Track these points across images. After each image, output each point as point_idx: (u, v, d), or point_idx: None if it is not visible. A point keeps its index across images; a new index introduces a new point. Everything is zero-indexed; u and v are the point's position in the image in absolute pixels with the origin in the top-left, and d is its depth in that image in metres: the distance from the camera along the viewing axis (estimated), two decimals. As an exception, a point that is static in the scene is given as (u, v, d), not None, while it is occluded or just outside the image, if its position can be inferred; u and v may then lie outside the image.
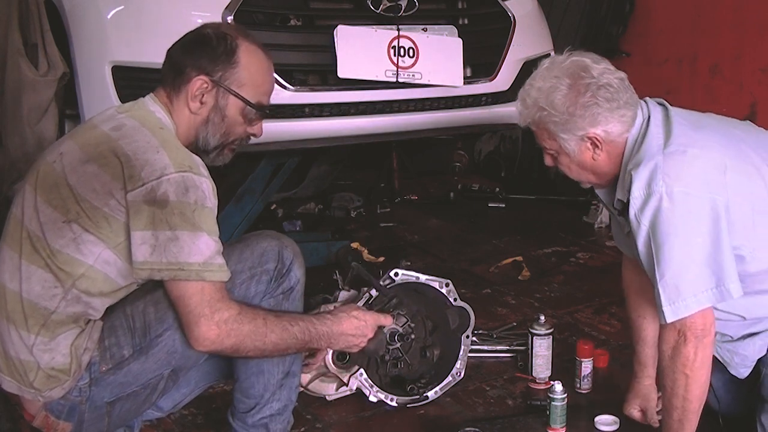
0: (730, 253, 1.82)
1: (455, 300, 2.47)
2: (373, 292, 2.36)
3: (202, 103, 1.89)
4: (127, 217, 1.75)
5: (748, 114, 4.16)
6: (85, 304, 1.80)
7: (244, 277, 1.90)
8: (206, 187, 1.78)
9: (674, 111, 1.96)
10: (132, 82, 2.68)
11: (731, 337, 2.03)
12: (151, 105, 1.91)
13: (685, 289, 1.81)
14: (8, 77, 2.88)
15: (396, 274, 2.39)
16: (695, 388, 1.86)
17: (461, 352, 2.48)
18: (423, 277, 2.43)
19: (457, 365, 2.48)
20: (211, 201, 1.79)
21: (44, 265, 1.78)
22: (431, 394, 2.44)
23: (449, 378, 2.47)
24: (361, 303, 2.34)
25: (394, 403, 2.39)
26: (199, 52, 1.89)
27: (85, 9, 2.75)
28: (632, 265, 2.20)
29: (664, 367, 1.89)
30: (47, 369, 1.80)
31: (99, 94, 2.71)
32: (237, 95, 1.90)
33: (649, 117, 1.94)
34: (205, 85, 1.88)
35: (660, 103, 1.99)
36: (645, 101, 1.98)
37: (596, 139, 1.91)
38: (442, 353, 2.49)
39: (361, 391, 2.37)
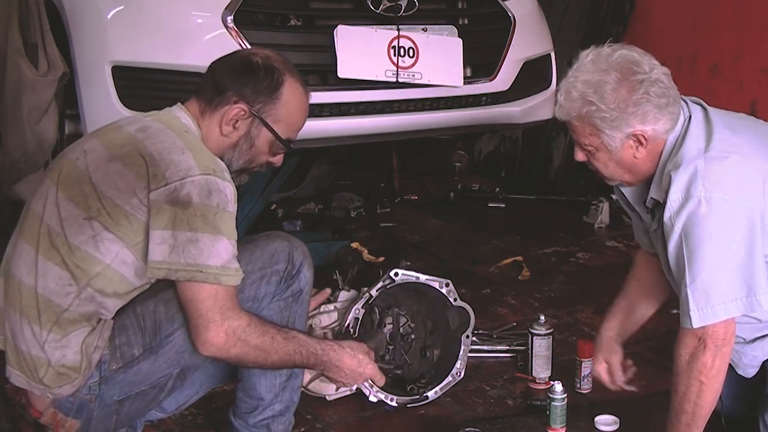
0: (763, 262, 1.81)
1: (455, 300, 2.47)
2: (374, 292, 2.36)
3: (234, 128, 1.91)
4: (148, 216, 1.75)
5: (748, 114, 4.15)
6: (98, 304, 1.80)
7: (254, 278, 1.90)
8: (229, 191, 1.80)
9: (713, 112, 1.94)
10: (132, 82, 2.69)
11: (744, 339, 2.02)
12: (177, 111, 1.92)
13: (715, 296, 1.80)
14: (8, 77, 2.88)
15: (396, 274, 2.39)
16: (708, 395, 1.85)
17: (461, 352, 2.48)
18: (423, 277, 2.42)
19: (457, 365, 2.47)
20: (232, 206, 1.81)
21: (61, 261, 1.78)
22: (431, 394, 2.44)
23: (449, 378, 2.47)
24: (361, 303, 2.34)
25: (394, 403, 2.39)
26: (245, 79, 1.90)
27: (85, 9, 2.75)
28: (648, 255, 2.20)
29: (679, 371, 1.87)
30: (57, 366, 1.79)
31: (99, 94, 2.71)
32: (271, 129, 1.93)
33: (690, 117, 1.91)
34: (243, 113, 1.90)
35: (697, 103, 1.97)
36: (684, 100, 1.94)
37: (642, 137, 1.87)
38: (442, 353, 2.50)
39: (361, 391, 2.37)
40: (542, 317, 2.58)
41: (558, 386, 2.22)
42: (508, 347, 2.77)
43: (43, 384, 1.81)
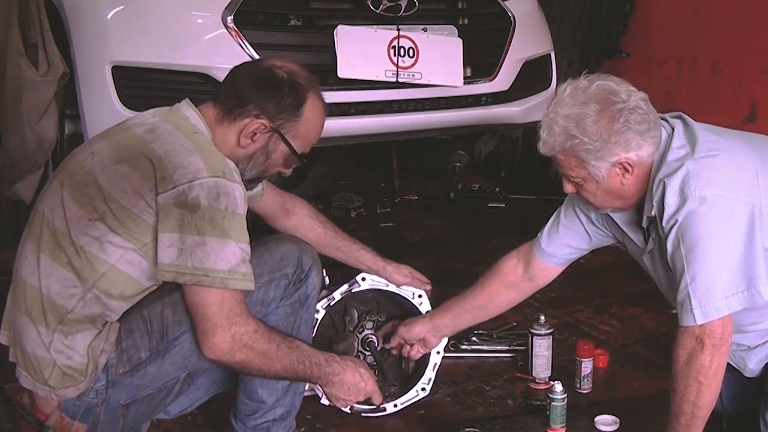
0: (762, 254, 1.82)
1: (427, 313, 2.43)
2: (336, 295, 2.34)
3: (253, 140, 1.91)
4: (156, 219, 1.75)
5: (749, 114, 4.15)
6: (103, 305, 1.80)
7: (263, 281, 1.89)
8: (238, 193, 1.79)
9: (693, 122, 1.96)
10: (132, 82, 2.69)
11: (748, 346, 2.04)
12: (187, 110, 1.91)
13: (716, 291, 1.80)
14: (8, 77, 2.88)
15: (363, 279, 2.37)
16: (706, 395, 1.85)
17: (427, 368, 2.42)
18: (393, 286, 2.40)
19: (423, 380, 2.41)
20: (242, 208, 1.80)
21: (66, 263, 1.78)
22: (390, 406, 2.37)
23: (413, 392, 2.40)
24: (322, 304, 2.32)
25: (347, 410, 2.31)
26: (268, 94, 1.89)
27: (85, 9, 2.75)
28: (519, 259, 2.46)
29: (677, 371, 1.87)
30: (63, 367, 1.79)
31: (99, 94, 2.71)
32: (289, 145, 1.93)
33: (672, 131, 1.93)
34: (263, 128, 1.89)
35: (678, 117, 1.98)
36: (665, 118, 1.97)
37: (628, 163, 1.89)
38: (417, 365, 2.45)
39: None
40: (542, 317, 2.58)
41: (558, 386, 2.22)
42: (508, 347, 2.78)
43: (48, 385, 1.80)
